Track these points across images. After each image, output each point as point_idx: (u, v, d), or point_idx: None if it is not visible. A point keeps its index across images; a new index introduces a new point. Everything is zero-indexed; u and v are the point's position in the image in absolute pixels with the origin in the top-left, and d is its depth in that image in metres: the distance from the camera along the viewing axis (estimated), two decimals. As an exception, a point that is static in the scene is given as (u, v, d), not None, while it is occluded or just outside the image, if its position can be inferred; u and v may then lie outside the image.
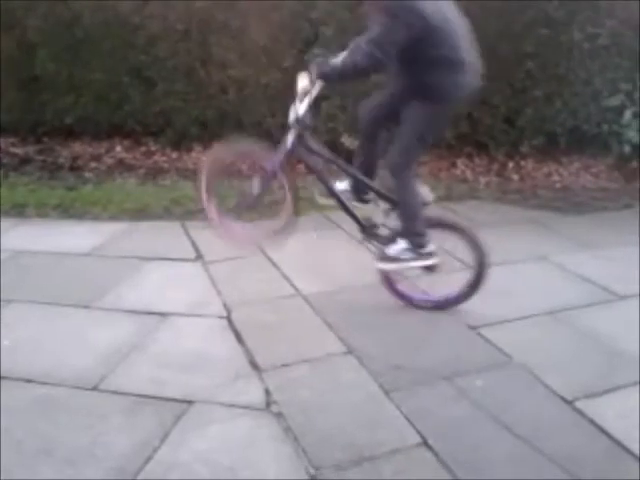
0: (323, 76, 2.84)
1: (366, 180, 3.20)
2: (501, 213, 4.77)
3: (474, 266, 3.18)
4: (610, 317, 3.21)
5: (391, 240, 3.17)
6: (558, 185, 5.49)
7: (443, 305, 3.27)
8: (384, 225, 3.23)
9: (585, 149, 5.68)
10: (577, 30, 5.29)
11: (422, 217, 3.12)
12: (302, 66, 5.67)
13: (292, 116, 3.01)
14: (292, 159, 3.14)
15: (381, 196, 3.20)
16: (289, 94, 6.40)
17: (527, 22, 5.28)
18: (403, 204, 3.08)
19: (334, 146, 5.73)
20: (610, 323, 3.14)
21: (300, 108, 2.95)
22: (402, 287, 3.30)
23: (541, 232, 4.09)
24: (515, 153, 5.70)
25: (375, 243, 3.24)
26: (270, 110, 5.98)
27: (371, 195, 3.27)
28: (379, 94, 3.17)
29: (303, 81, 2.92)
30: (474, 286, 3.20)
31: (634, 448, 2.26)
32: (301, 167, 5.91)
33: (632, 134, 5.27)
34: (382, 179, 3.20)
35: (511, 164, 5.69)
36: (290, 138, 3.03)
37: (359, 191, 3.26)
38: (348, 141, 5.34)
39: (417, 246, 3.11)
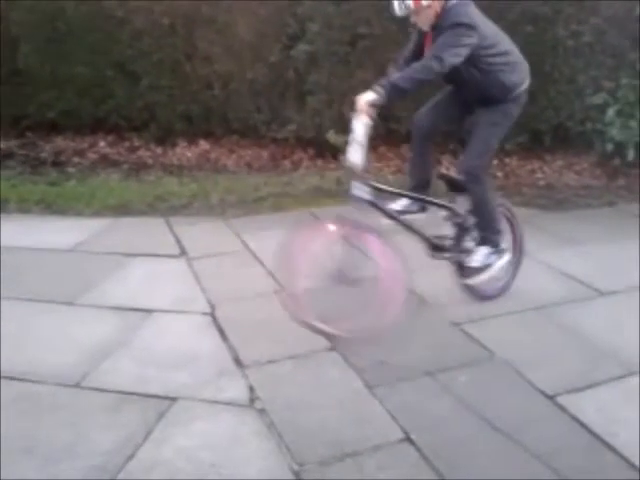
0: (394, 89, 2.72)
1: (423, 197, 3.14)
2: (485, 210, 4.78)
3: (515, 254, 3.36)
4: (592, 313, 3.24)
5: (464, 248, 3.17)
6: (542, 182, 5.54)
7: (495, 295, 3.36)
8: (446, 237, 3.20)
9: (569, 147, 5.73)
10: (561, 27, 5.34)
11: (498, 215, 3.18)
12: (288, 61, 5.74)
13: (355, 157, 2.65)
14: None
15: (441, 207, 3.18)
16: (275, 90, 6.39)
17: (513, 20, 5.30)
18: (482, 204, 3.09)
19: (320, 142, 5.75)
20: (592, 319, 3.17)
21: (361, 141, 2.63)
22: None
23: (525, 229, 4.10)
24: (499, 151, 5.70)
25: (450, 256, 3.19)
26: (256, 105, 5.98)
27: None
28: (432, 104, 3.17)
29: (368, 97, 2.69)
30: (514, 274, 3.39)
31: (614, 443, 2.29)
32: (287, 163, 5.98)
33: (615, 132, 5.31)
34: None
35: (495, 161, 5.72)
36: (364, 187, 2.75)
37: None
38: (333, 137, 5.33)
39: (496, 245, 3.17)
